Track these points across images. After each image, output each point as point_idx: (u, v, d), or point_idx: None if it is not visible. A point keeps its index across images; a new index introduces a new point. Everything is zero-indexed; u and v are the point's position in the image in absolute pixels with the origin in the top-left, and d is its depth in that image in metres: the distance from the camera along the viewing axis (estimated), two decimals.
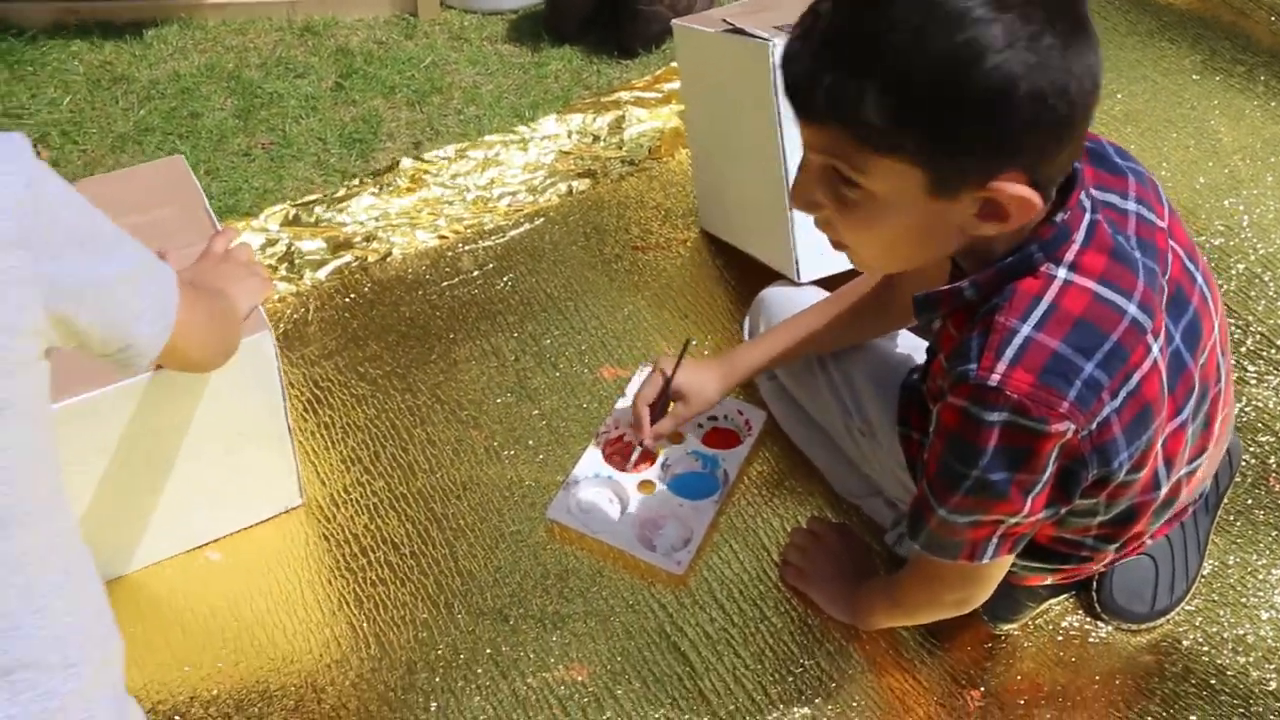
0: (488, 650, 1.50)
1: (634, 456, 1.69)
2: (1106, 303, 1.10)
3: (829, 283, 1.71)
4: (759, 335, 1.73)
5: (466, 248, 2.02)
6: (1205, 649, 1.53)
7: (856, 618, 1.53)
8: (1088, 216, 1.12)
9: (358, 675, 1.48)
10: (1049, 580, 1.46)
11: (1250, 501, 1.71)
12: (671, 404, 1.65)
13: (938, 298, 1.18)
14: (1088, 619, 1.56)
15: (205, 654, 1.50)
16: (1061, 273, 1.10)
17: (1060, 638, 1.54)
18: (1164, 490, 1.27)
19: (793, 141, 1.70)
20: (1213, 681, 1.50)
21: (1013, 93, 0.97)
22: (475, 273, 1.98)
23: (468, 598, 1.56)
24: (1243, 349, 1.90)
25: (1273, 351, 1.90)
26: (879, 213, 1.08)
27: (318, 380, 1.81)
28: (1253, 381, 1.86)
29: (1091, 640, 1.54)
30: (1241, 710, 1.47)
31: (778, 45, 1.67)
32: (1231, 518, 1.69)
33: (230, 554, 1.60)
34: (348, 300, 1.94)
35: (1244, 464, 1.74)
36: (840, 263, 1.76)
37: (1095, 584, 1.55)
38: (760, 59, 1.68)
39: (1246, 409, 1.82)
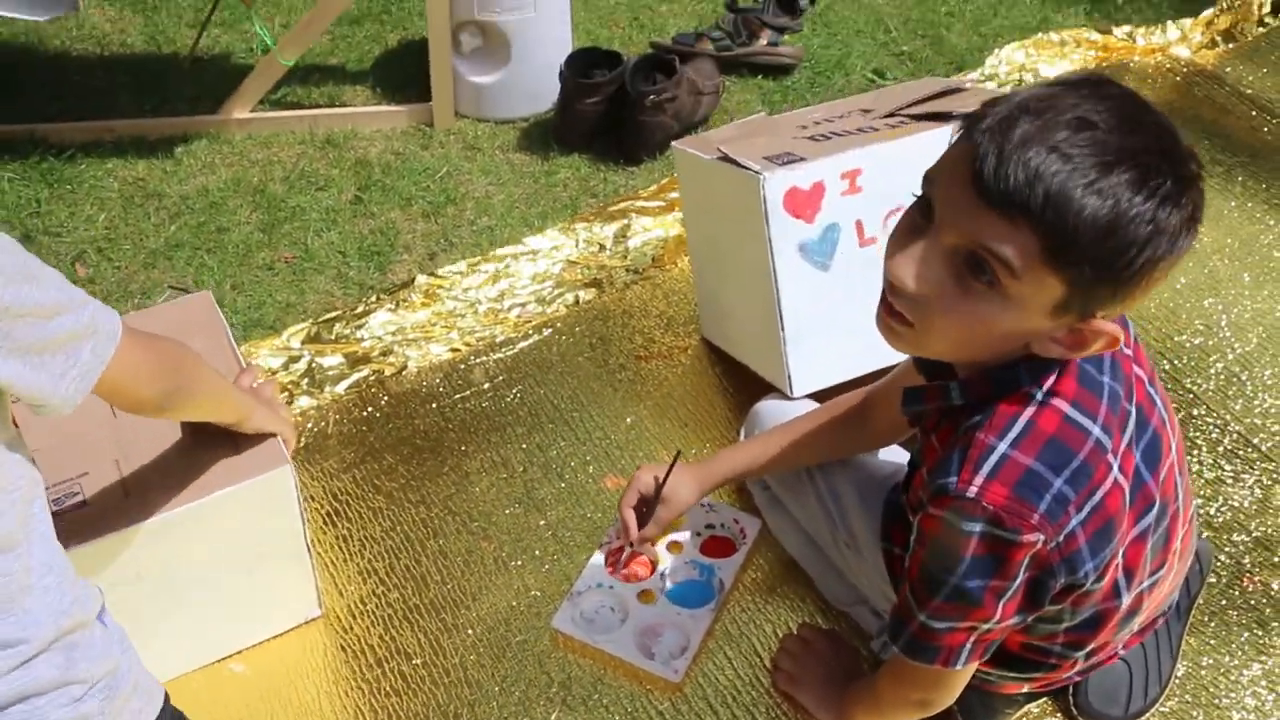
0: None
1: (623, 558, 1.79)
2: (1075, 424, 1.20)
3: (821, 396, 1.81)
4: (740, 442, 1.83)
5: (478, 360, 2.13)
6: None
7: (841, 719, 1.61)
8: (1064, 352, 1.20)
9: None
10: (1024, 689, 1.54)
11: (1224, 602, 1.79)
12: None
13: (923, 393, 1.29)
14: None
15: None
16: (1039, 395, 1.20)
17: None
18: (1126, 600, 1.36)
19: (785, 265, 1.81)
20: None
21: (1159, 256, 1.08)
22: (486, 385, 2.09)
23: (475, 708, 1.65)
24: (1220, 448, 1.99)
25: (1249, 451, 1.98)
26: (994, 312, 1.13)
27: (336, 493, 1.91)
28: (1229, 481, 1.94)
29: None
30: None
31: (768, 178, 1.77)
32: (1206, 618, 1.77)
33: (252, 665, 1.69)
34: (365, 414, 2.05)
35: (1218, 563, 1.82)
36: (832, 377, 1.88)
37: (1071, 689, 1.63)
38: (751, 191, 1.78)
39: (1222, 509, 1.90)
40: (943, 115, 1.90)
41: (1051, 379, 1.21)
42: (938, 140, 1.84)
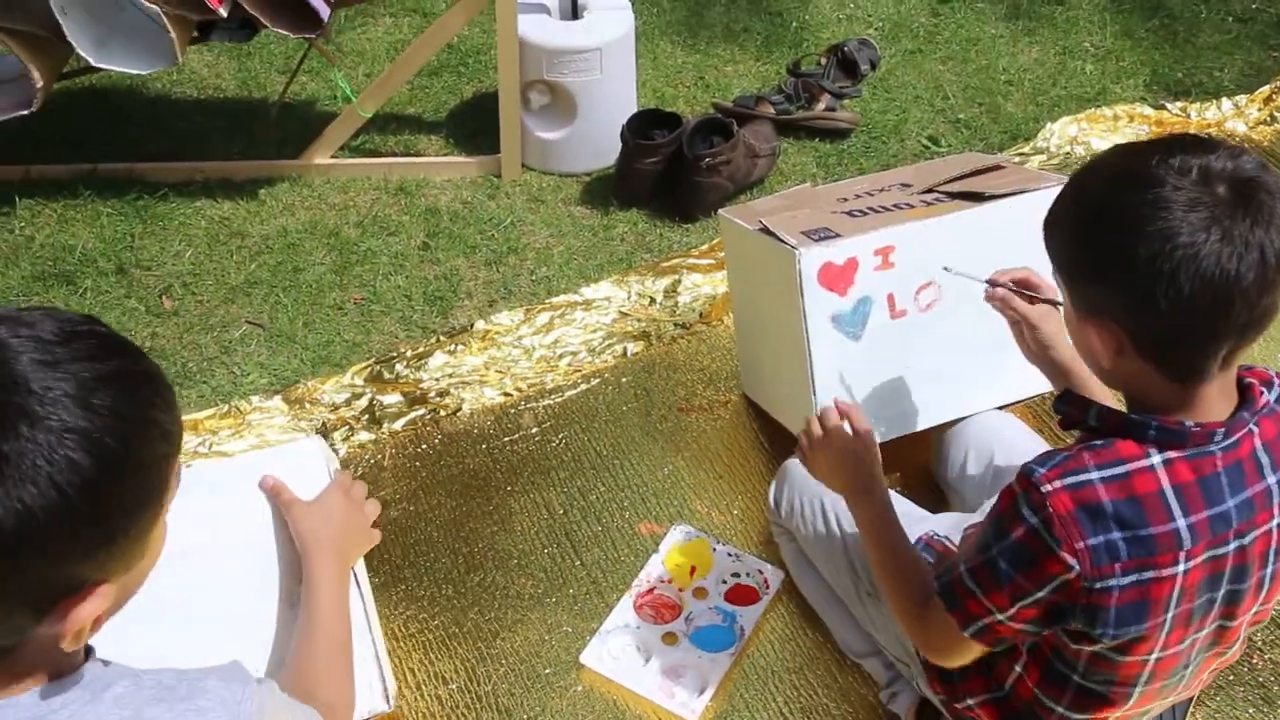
0: None
1: (653, 598, 1.90)
2: (1166, 505, 1.27)
3: None
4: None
5: (528, 405, 2.26)
6: None
7: (853, 500, 1.67)
8: (1213, 447, 1.28)
9: None
10: None
11: (1232, 678, 1.85)
12: None
13: (1070, 398, 1.40)
14: None
15: None
16: (1155, 459, 1.28)
17: None
18: (1133, 699, 1.44)
19: (817, 334, 1.91)
20: None
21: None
22: (534, 430, 2.21)
23: None
24: None
25: None
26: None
27: (388, 524, 2.04)
28: None
29: None
30: None
31: (803, 253, 1.87)
32: (1212, 692, 1.83)
33: None
34: (420, 450, 2.18)
35: None
36: None
37: None
38: (788, 264, 1.89)
39: None
40: (976, 195, 2.00)
41: (1175, 454, 1.27)
42: (970, 220, 1.96)
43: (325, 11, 2.45)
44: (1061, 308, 1.43)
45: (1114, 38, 3.35)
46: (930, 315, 1.98)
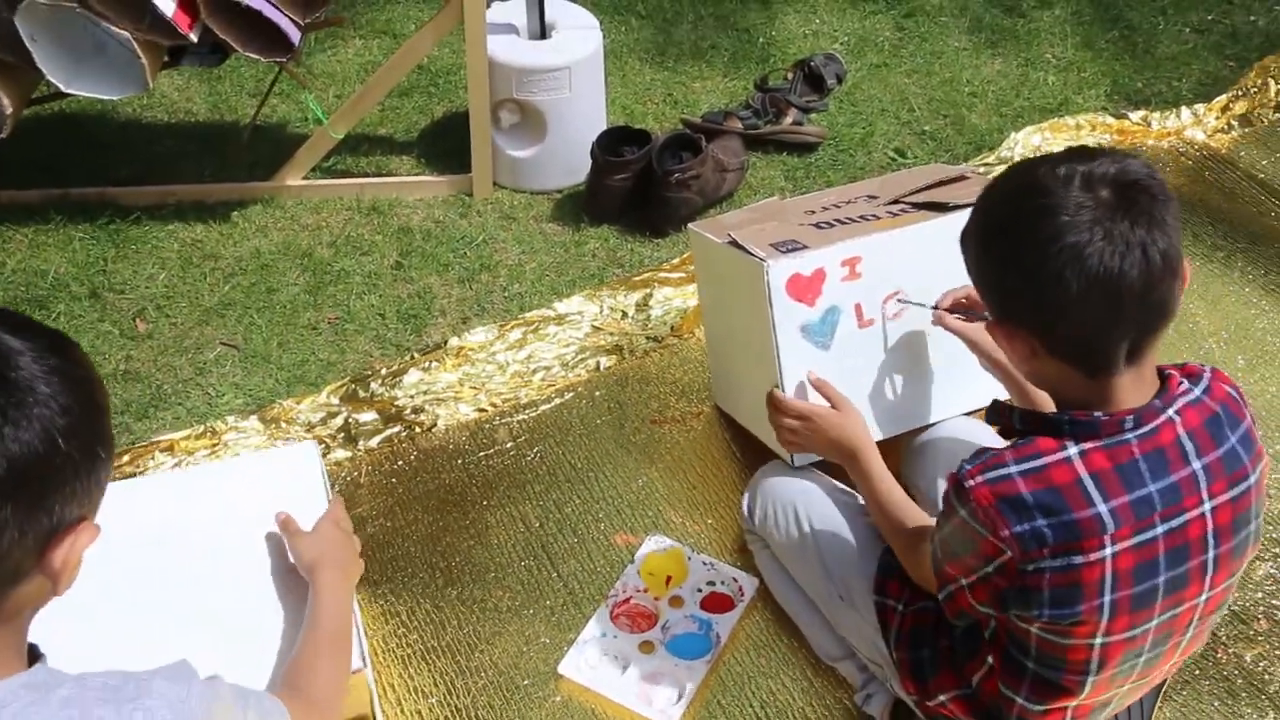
0: None
1: (628, 606, 1.92)
2: (1085, 492, 1.35)
3: (821, 466, 1.94)
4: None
5: (503, 420, 2.28)
6: None
7: (845, 463, 1.82)
8: (1127, 436, 1.36)
9: None
10: None
11: (1198, 672, 1.89)
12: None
13: (996, 408, 1.51)
14: None
15: None
16: (1071, 451, 1.36)
17: None
18: (1087, 688, 1.47)
19: (787, 345, 1.94)
20: None
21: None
22: (509, 444, 2.24)
23: None
24: None
25: None
26: None
27: (365, 540, 2.05)
28: None
29: None
30: None
31: (771, 265, 1.90)
32: (1179, 686, 1.86)
33: None
34: (396, 467, 2.20)
35: None
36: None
37: None
38: (757, 276, 1.92)
39: None
40: (940, 205, 2.03)
41: (1090, 444, 1.36)
42: (934, 230, 1.99)
43: (296, 35, 2.47)
44: None
45: (1075, 49, 3.40)
46: (898, 324, 2.01)
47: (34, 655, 1.05)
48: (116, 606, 1.58)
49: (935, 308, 1.88)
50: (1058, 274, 1.29)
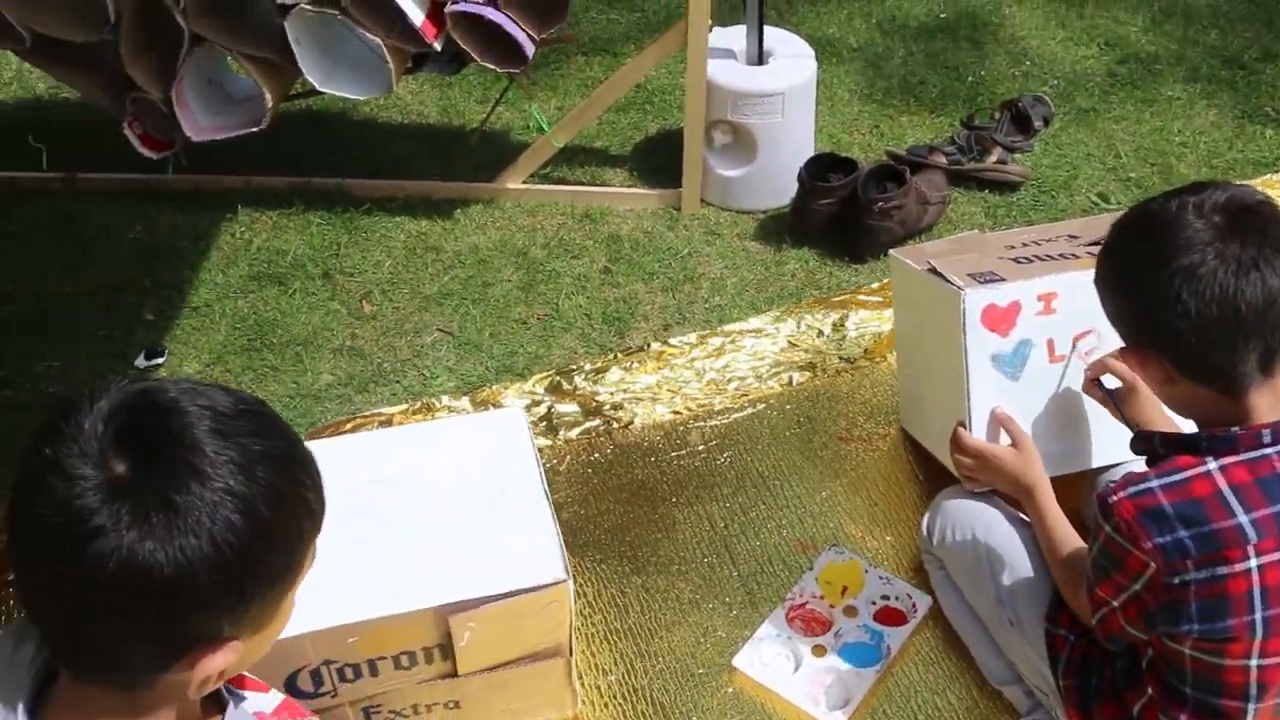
0: None
1: (805, 611, 2.00)
2: (1225, 503, 1.41)
3: (1003, 495, 1.99)
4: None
5: (696, 424, 2.40)
6: None
7: (1025, 497, 1.89)
8: (1267, 450, 1.42)
9: None
10: None
11: None
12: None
13: (1139, 437, 1.60)
14: None
15: None
16: (1211, 465, 1.43)
17: None
18: (1250, 717, 1.50)
19: (977, 372, 1.99)
20: None
21: None
22: (700, 447, 2.35)
23: None
24: None
25: None
26: None
27: (561, 526, 2.19)
28: None
29: None
30: None
31: (969, 294, 1.96)
32: None
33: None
34: (592, 458, 2.33)
35: None
36: None
37: None
38: (953, 304, 1.98)
39: None
40: None
41: (1229, 459, 1.42)
42: None
43: (530, 49, 2.64)
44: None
45: None
46: (1087, 361, 2.04)
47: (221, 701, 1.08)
48: (335, 542, 1.71)
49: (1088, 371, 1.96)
50: (1175, 295, 1.38)
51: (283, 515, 0.98)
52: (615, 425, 2.40)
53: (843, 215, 2.83)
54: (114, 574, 0.89)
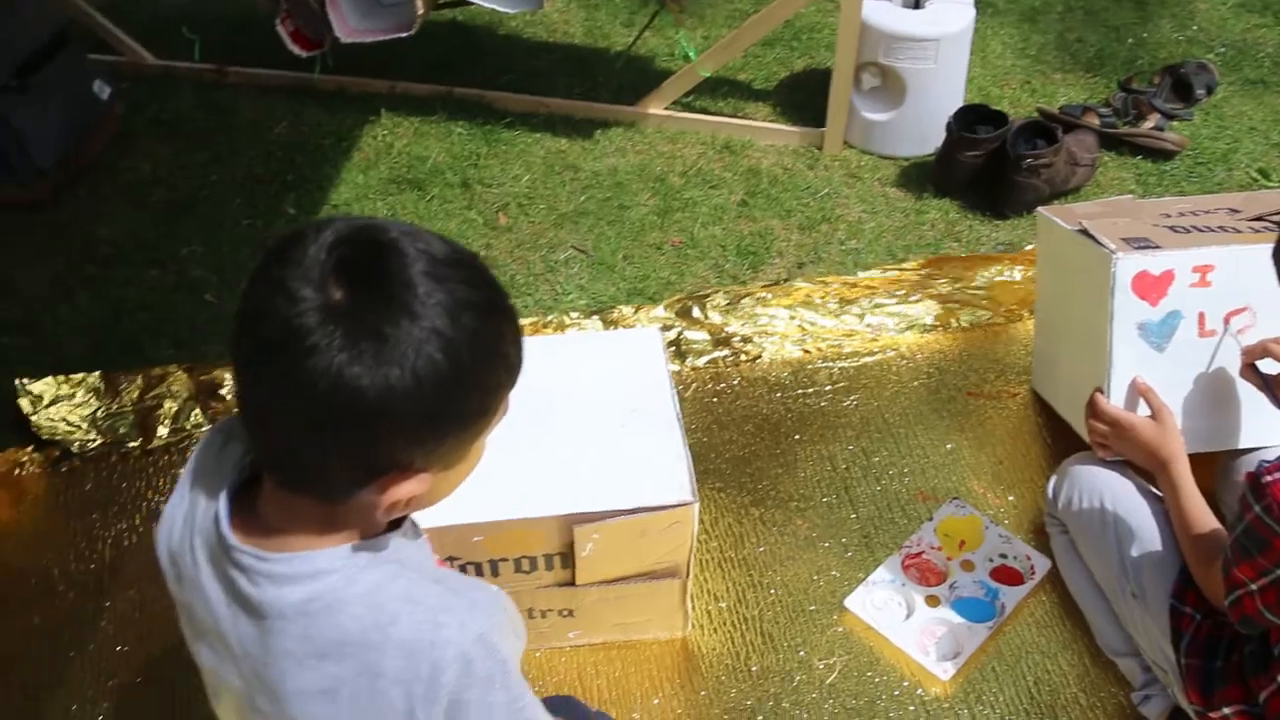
0: (769, 704, 1.85)
1: (920, 562, 1.99)
2: None
3: (1134, 464, 1.95)
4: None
5: (825, 365, 2.38)
6: None
7: (1161, 470, 1.85)
8: None
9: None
10: None
11: None
12: None
13: None
14: None
15: None
16: None
17: None
18: None
19: (1121, 339, 1.95)
20: None
21: None
22: (827, 388, 2.33)
23: (763, 656, 1.91)
24: None
25: None
26: None
27: None
28: None
29: None
30: None
31: (1121, 259, 1.91)
32: None
33: None
34: (719, 388, 2.33)
35: None
36: None
37: None
38: (1104, 267, 1.93)
39: None
40: None
41: None
42: None
43: None
44: None
45: None
46: (1240, 341, 1.98)
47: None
48: None
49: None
50: None
51: (482, 362, 1.00)
52: (744, 358, 2.39)
53: (988, 169, 2.77)
54: (323, 393, 0.93)
